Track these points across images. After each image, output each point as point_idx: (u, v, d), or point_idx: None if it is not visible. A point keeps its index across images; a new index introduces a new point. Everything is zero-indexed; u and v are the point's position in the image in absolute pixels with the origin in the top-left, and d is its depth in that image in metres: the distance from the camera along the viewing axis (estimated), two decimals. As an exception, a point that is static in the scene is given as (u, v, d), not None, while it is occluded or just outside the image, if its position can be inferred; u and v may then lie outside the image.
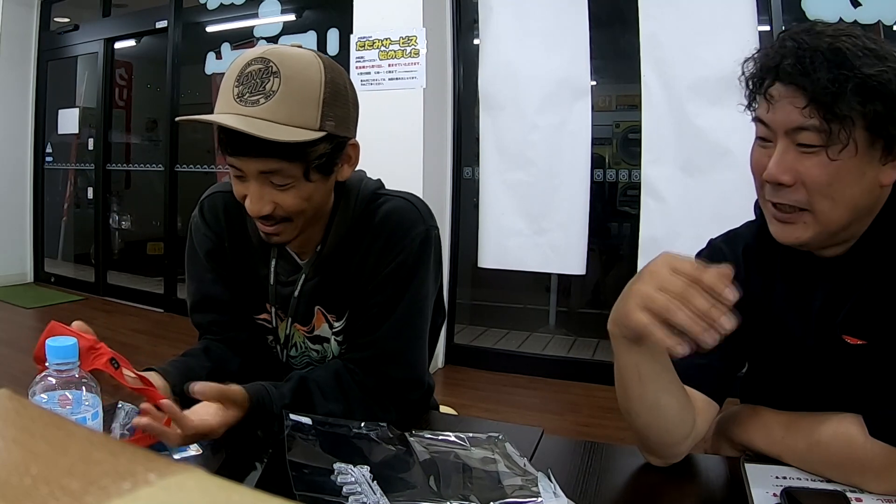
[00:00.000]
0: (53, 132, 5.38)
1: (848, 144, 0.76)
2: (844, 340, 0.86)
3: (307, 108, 0.88)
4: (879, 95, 0.74)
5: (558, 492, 0.78)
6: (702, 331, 0.69)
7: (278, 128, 0.85)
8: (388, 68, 3.32)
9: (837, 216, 0.80)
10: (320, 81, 0.89)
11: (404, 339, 1.04)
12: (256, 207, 0.92)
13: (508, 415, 2.87)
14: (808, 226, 0.82)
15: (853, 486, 0.82)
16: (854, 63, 0.74)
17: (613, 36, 3.59)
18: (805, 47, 0.77)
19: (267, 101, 0.86)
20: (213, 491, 0.21)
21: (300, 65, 0.89)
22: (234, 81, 0.88)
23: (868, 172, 0.78)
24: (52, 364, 0.71)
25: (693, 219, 2.87)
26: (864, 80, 0.74)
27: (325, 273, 1.06)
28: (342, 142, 0.95)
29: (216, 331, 1.11)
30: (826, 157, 0.77)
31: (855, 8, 2.65)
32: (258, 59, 0.88)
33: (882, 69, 0.74)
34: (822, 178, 0.78)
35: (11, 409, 0.26)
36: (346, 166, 1.00)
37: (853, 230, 0.85)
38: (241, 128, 0.83)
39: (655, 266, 0.74)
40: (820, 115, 0.76)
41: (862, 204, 0.81)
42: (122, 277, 5.25)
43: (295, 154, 0.88)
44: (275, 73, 0.87)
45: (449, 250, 3.55)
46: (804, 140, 0.78)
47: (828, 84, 0.74)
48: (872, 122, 0.75)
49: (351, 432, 0.89)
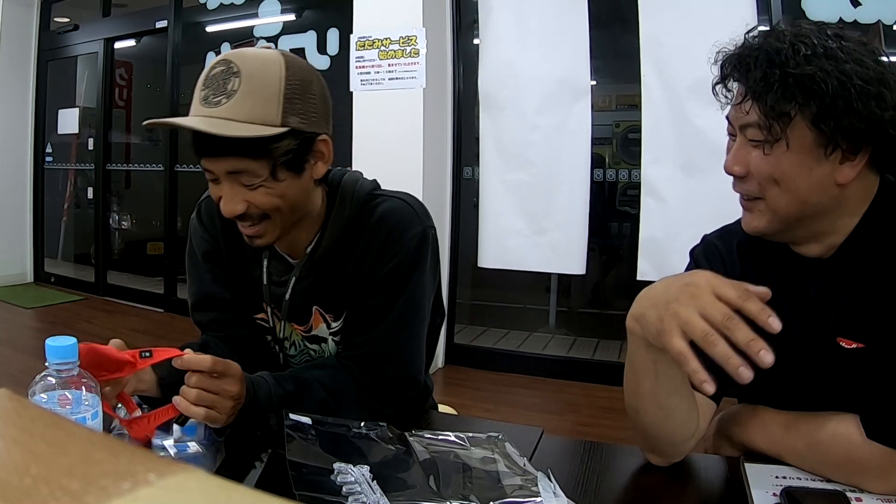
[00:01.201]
0: (53, 132, 5.38)
1: (780, 139, 0.80)
2: (839, 344, 0.86)
3: (268, 104, 0.88)
4: (813, 94, 0.76)
5: (558, 491, 0.78)
6: (738, 366, 0.65)
7: (237, 125, 0.86)
8: (387, 68, 3.32)
9: (785, 204, 0.84)
10: (280, 77, 0.89)
11: (400, 338, 1.05)
12: (229, 207, 0.93)
13: (508, 415, 2.87)
14: (762, 213, 0.86)
15: (853, 485, 0.82)
16: (787, 62, 0.78)
17: (613, 36, 3.59)
18: (754, 47, 0.82)
19: (228, 100, 0.87)
20: (212, 491, 0.21)
21: (260, 63, 0.89)
22: (201, 85, 0.90)
23: (816, 169, 0.81)
24: (52, 364, 0.71)
25: (693, 219, 2.87)
26: (795, 78, 0.77)
27: (319, 274, 1.06)
28: (310, 137, 0.94)
29: (217, 329, 1.12)
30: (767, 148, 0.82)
31: (855, 7, 2.65)
32: (221, 62, 0.89)
33: (819, 68, 0.76)
34: (765, 168, 0.83)
35: (11, 409, 0.26)
36: (320, 163, 0.98)
37: (819, 226, 0.86)
38: (198, 127, 0.84)
39: (698, 287, 0.71)
40: (759, 112, 0.80)
41: (814, 199, 0.83)
42: (122, 277, 5.25)
43: (258, 151, 0.89)
44: (235, 74, 0.88)
45: (449, 250, 3.55)
46: (750, 135, 0.84)
47: (758, 80, 0.79)
48: (814, 119, 0.78)
49: (350, 432, 0.89)
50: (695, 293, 0.70)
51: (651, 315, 0.75)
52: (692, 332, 0.69)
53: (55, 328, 4.09)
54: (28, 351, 3.35)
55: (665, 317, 0.71)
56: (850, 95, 0.75)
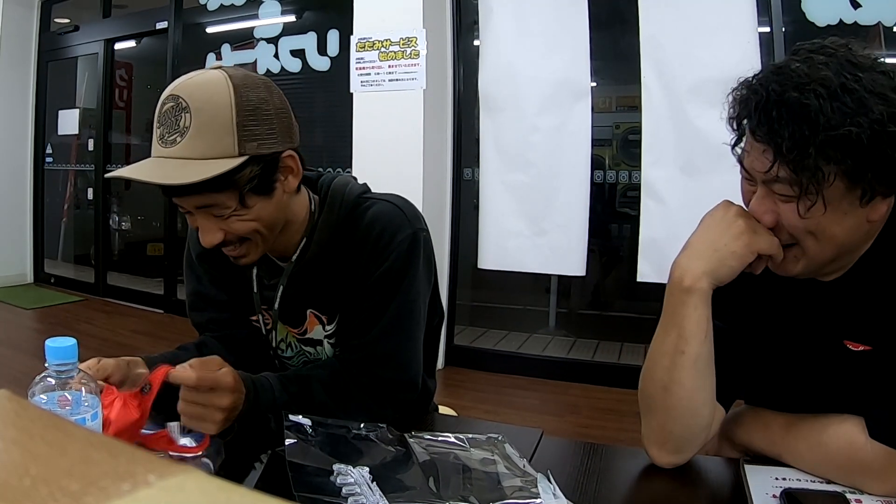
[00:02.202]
0: (53, 133, 5.38)
1: (816, 202, 0.76)
2: (846, 346, 0.86)
3: (221, 136, 0.86)
4: (849, 152, 0.72)
5: (558, 493, 0.78)
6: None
7: (194, 165, 0.85)
8: (388, 69, 3.32)
9: (821, 250, 0.81)
10: (230, 105, 0.87)
11: (394, 341, 1.04)
12: (207, 239, 0.93)
13: (508, 416, 2.87)
14: (797, 260, 0.84)
15: (853, 487, 0.82)
16: (819, 121, 0.72)
17: (613, 37, 3.59)
18: (773, 101, 0.75)
19: (182, 138, 0.86)
20: (212, 492, 0.21)
21: (207, 94, 0.87)
22: (157, 123, 0.89)
23: (850, 213, 0.78)
24: (52, 365, 0.71)
25: (693, 220, 2.83)
26: (831, 139, 0.71)
27: (310, 278, 1.06)
28: (273, 158, 0.92)
29: (214, 328, 1.13)
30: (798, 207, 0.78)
31: (855, 9, 2.65)
32: (170, 97, 0.88)
33: (852, 126, 0.71)
34: (800, 224, 0.79)
35: (11, 410, 0.26)
36: (291, 177, 0.97)
37: (847, 259, 0.86)
38: (152, 180, 0.85)
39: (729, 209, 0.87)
40: (789, 170, 0.76)
41: (850, 240, 0.81)
42: (122, 278, 5.25)
43: (222, 185, 0.88)
44: (184, 109, 0.86)
45: (449, 251, 3.55)
46: (778, 190, 0.80)
47: (791, 145, 0.73)
48: (848, 174, 0.74)
49: (350, 433, 0.89)
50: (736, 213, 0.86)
51: (723, 245, 0.84)
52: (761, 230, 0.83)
53: (55, 329, 4.09)
54: (28, 351, 3.35)
55: (741, 234, 0.83)
56: (883, 144, 0.72)
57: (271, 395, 0.95)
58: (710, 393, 0.88)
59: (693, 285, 0.85)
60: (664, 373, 0.88)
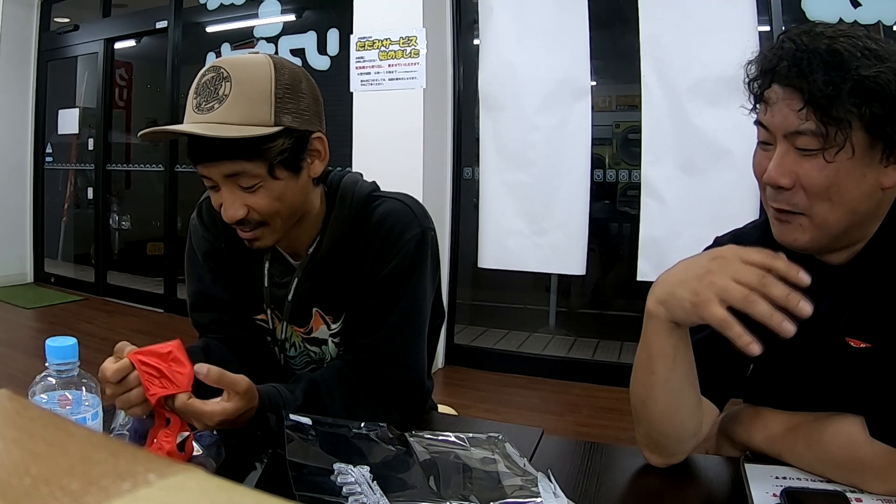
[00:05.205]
0: (53, 132, 5.38)
1: (844, 146, 0.75)
2: (848, 343, 0.86)
3: (260, 105, 0.89)
4: (877, 96, 0.73)
5: (558, 492, 0.78)
6: (781, 321, 0.68)
7: (231, 128, 0.87)
8: (388, 68, 3.32)
9: (835, 219, 0.80)
10: (270, 78, 0.90)
11: (403, 340, 1.04)
12: (230, 212, 0.94)
13: (508, 415, 2.87)
14: (804, 229, 0.82)
15: (853, 486, 0.82)
16: (851, 64, 0.73)
17: (613, 36, 3.59)
18: (803, 49, 0.76)
19: (220, 105, 0.88)
20: (212, 491, 0.21)
21: (250, 66, 0.91)
22: (193, 93, 0.92)
23: (868, 174, 0.78)
24: (52, 364, 0.71)
25: (693, 219, 2.87)
26: (862, 81, 0.73)
27: (320, 276, 1.06)
28: (304, 136, 0.95)
29: (217, 330, 1.12)
30: (823, 159, 0.77)
31: (855, 8, 2.65)
32: (211, 69, 0.91)
33: (881, 70, 0.73)
34: (821, 180, 0.78)
35: (11, 409, 0.26)
36: (317, 161, 0.99)
37: (855, 235, 0.84)
38: (193, 131, 0.86)
39: (725, 258, 0.74)
40: (816, 118, 0.75)
41: (862, 208, 0.80)
42: (122, 278, 5.25)
43: (254, 152, 0.90)
44: (225, 79, 0.89)
45: (449, 250, 3.55)
46: (802, 144, 0.78)
47: (823, 86, 0.74)
48: (871, 123, 0.75)
49: (351, 432, 0.89)
50: (725, 263, 0.73)
51: (681, 292, 0.76)
52: (732, 298, 0.71)
53: (55, 328, 4.09)
54: (28, 351, 3.35)
55: (700, 289, 0.74)
56: None
57: (280, 398, 0.95)
58: (690, 408, 0.87)
59: (653, 311, 0.82)
60: (641, 389, 0.88)
